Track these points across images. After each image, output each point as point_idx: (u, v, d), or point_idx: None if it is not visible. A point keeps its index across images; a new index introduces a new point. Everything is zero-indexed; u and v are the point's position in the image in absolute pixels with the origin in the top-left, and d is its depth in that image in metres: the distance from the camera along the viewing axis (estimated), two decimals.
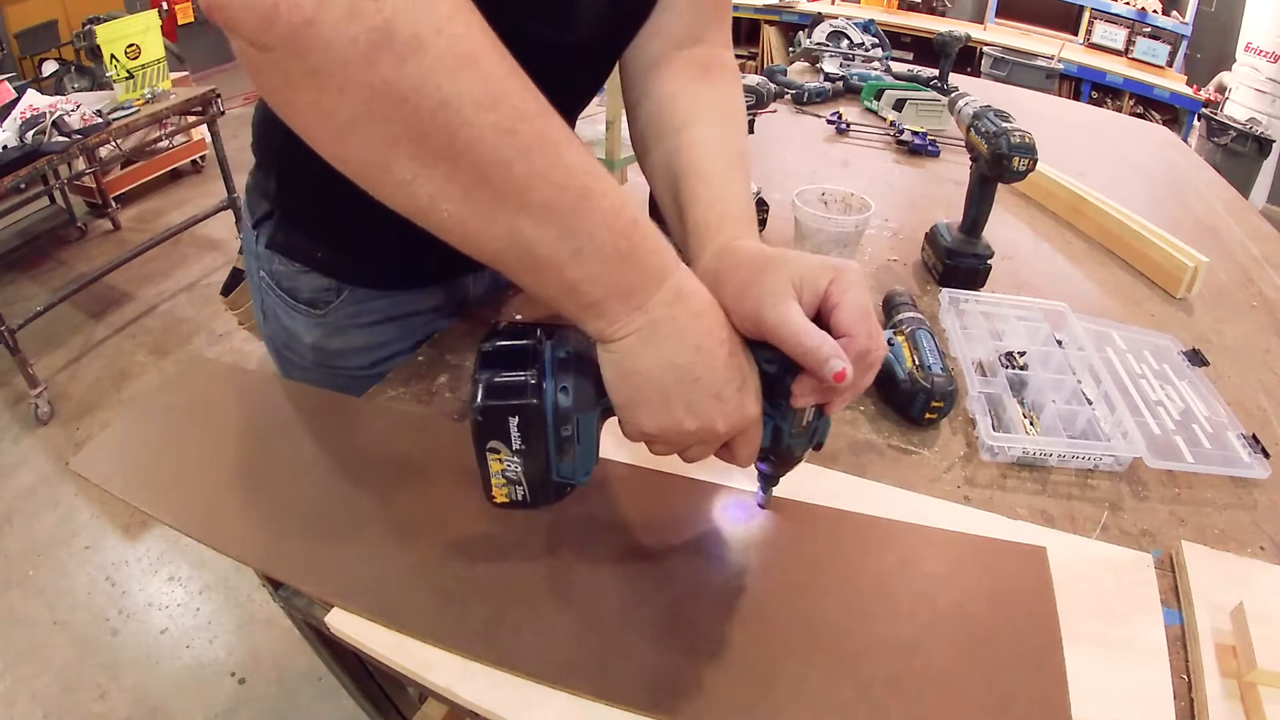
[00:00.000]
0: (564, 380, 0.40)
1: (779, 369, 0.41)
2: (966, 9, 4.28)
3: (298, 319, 0.73)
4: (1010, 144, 0.78)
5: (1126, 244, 1.01)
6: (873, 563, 0.52)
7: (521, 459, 0.41)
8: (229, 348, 2.43)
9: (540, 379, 0.40)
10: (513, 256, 0.37)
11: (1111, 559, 0.54)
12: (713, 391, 0.40)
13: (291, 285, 0.71)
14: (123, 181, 3.19)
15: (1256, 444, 0.65)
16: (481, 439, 0.41)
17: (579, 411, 0.40)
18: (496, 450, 0.41)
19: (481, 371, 0.40)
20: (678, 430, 0.41)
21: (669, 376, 0.40)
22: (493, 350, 0.41)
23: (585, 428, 0.42)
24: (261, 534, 0.54)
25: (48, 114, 2.03)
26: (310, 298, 0.71)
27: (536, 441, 0.41)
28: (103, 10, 2.99)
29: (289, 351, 0.76)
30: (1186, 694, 0.46)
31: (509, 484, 0.43)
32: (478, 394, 0.40)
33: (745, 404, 0.41)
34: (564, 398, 0.40)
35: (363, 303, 0.72)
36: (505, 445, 0.41)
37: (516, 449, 0.41)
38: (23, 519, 1.84)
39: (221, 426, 0.65)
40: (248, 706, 1.43)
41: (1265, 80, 3.17)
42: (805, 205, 0.91)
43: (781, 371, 0.41)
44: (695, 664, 0.45)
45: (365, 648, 0.47)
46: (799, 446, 0.46)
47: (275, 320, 0.75)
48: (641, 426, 0.41)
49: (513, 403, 0.39)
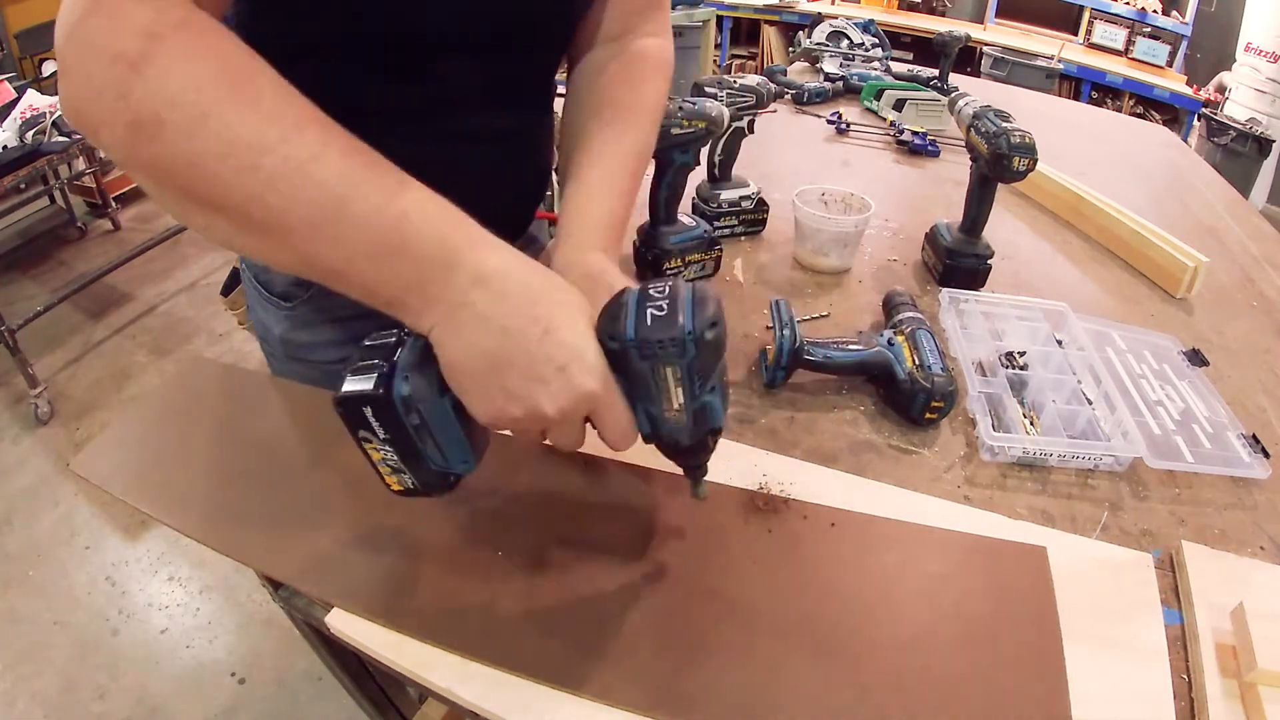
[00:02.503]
0: (408, 370, 0.40)
1: (620, 347, 0.39)
2: (966, 9, 4.28)
3: (270, 311, 0.73)
4: (1010, 144, 0.78)
5: (1126, 244, 1.01)
6: (873, 563, 0.52)
7: (392, 448, 0.42)
8: (229, 348, 2.43)
9: (388, 370, 0.40)
10: (308, 272, 0.40)
11: (1112, 559, 0.54)
12: (529, 374, 0.39)
13: (266, 278, 0.72)
14: (123, 181, 3.19)
15: (1256, 444, 0.65)
16: (350, 428, 0.42)
17: (420, 401, 0.40)
18: (369, 439, 0.42)
19: (350, 365, 0.41)
20: (506, 416, 0.41)
21: (480, 363, 0.40)
22: (366, 345, 0.42)
23: (436, 416, 0.42)
24: (261, 534, 0.54)
25: (48, 114, 2.03)
26: (283, 290, 0.72)
27: (398, 431, 0.41)
28: None
29: (266, 344, 0.77)
30: (1186, 694, 0.46)
31: (395, 472, 0.44)
32: (340, 385, 0.41)
33: (574, 383, 0.39)
34: (404, 386, 0.40)
35: (332, 297, 0.71)
36: (373, 435, 0.41)
37: (384, 438, 0.41)
38: (23, 519, 1.83)
39: (222, 427, 0.65)
40: (248, 706, 1.43)
41: (1265, 80, 3.16)
42: (805, 205, 0.91)
43: (621, 350, 0.39)
44: (695, 664, 0.45)
45: (365, 648, 0.47)
46: (682, 434, 0.43)
47: (253, 312, 0.77)
48: (475, 413, 0.41)
49: (362, 391, 0.40)
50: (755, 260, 0.96)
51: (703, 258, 0.89)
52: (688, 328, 0.38)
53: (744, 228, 1.02)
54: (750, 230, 1.02)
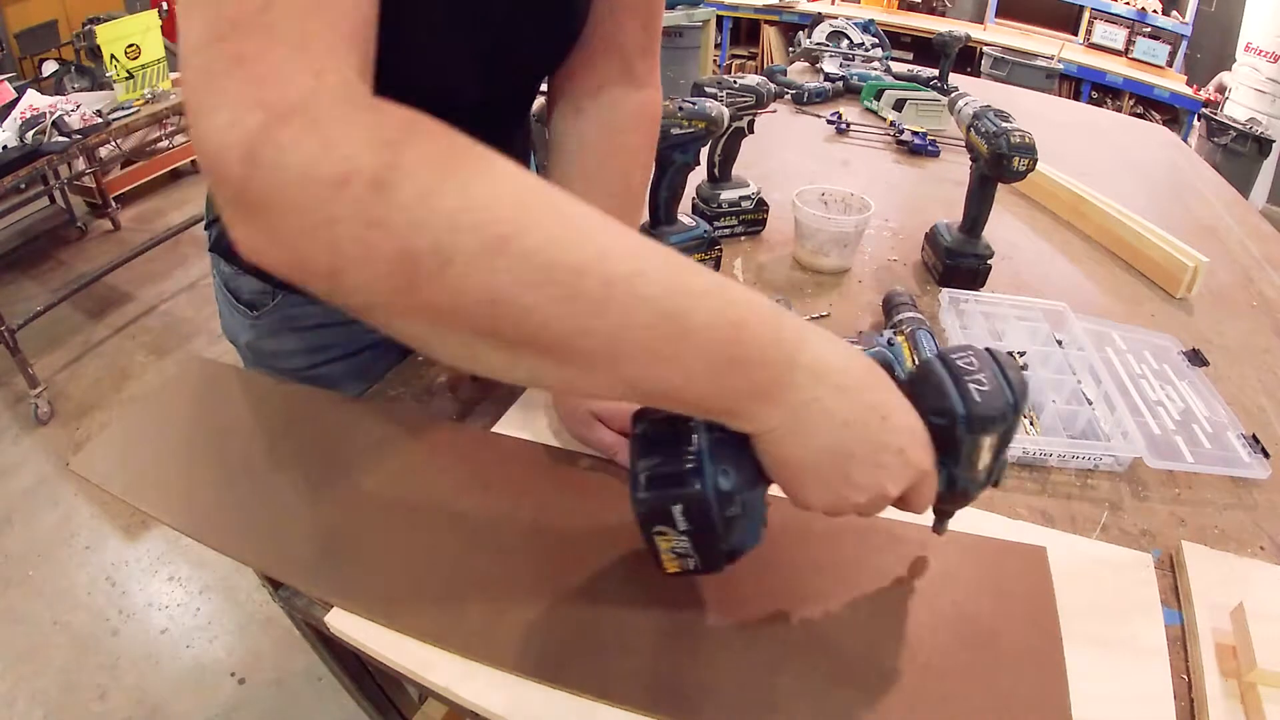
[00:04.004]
0: (724, 463, 0.39)
1: (949, 421, 0.40)
2: (966, 9, 4.28)
3: (236, 318, 0.74)
4: (1010, 144, 0.78)
5: (1126, 244, 1.01)
6: (872, 563, 0.52)
7: (690, 538, 0.40)
8: (229, 348, 2.42)
9: (699, 464, 0.38)
10: (632, 397, 0.36)
11: (1111, 559, 0.54)
12: (872, 461, 0.38)
13: (234, 286, 0.73)
14: (123, 181, 3.19)
15: (1256, 444, 0.65)
16: (647, 525, 0.40)
17: (741, 492, 0.39)
18: (663, 532, 0.40)
19: (640, 460, 0.39)
20: (847, 503, 0.40)
21: (823, 459, 0.38)
22: (647, 435, 0.40)
23: (751, 503, 0.41)
24: (261, 534, 0.54)
25: (48, 114, 2.03)
26: (249, 299, 0.72)
27: (702, 522, 0.39)
28: (103, 10, 2.99)
29: (236, 349, 0.78)
30: (1186, 694, 0.46)
31: (679, 557, 0.42)
32: (639, 486, 0.39)
33: (912, 462, 0.39)
34: (725, 481, 0.38)
35: (298, 307, 0.72)
36: (671, 528, 0.40)
37: (684, 530, 0.40)
38: (23, 519, 1.83)
39: (221, 427, 0.65)
40: (248, 706, 1.43)
41: (1265, 80, 3.16)
42: (805, 205, 0.91)
43: (950, 424, 0.40)
44: (695, 664, 0.45)
45: (365, 648, 0.47)
46: (976, 488, 0.44)
47: (222, 318, 0.77)
48: (811, 504, 0.40)
49: (675, 491, 0.38)
50: (755, 260, 0.96)
51: (703, 258, 0.89)
52: (1010, 400, 0.39)
53: (744, 228, 1.02)
54: (750, 230, 1.02)
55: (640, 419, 0.42)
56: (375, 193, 0.28)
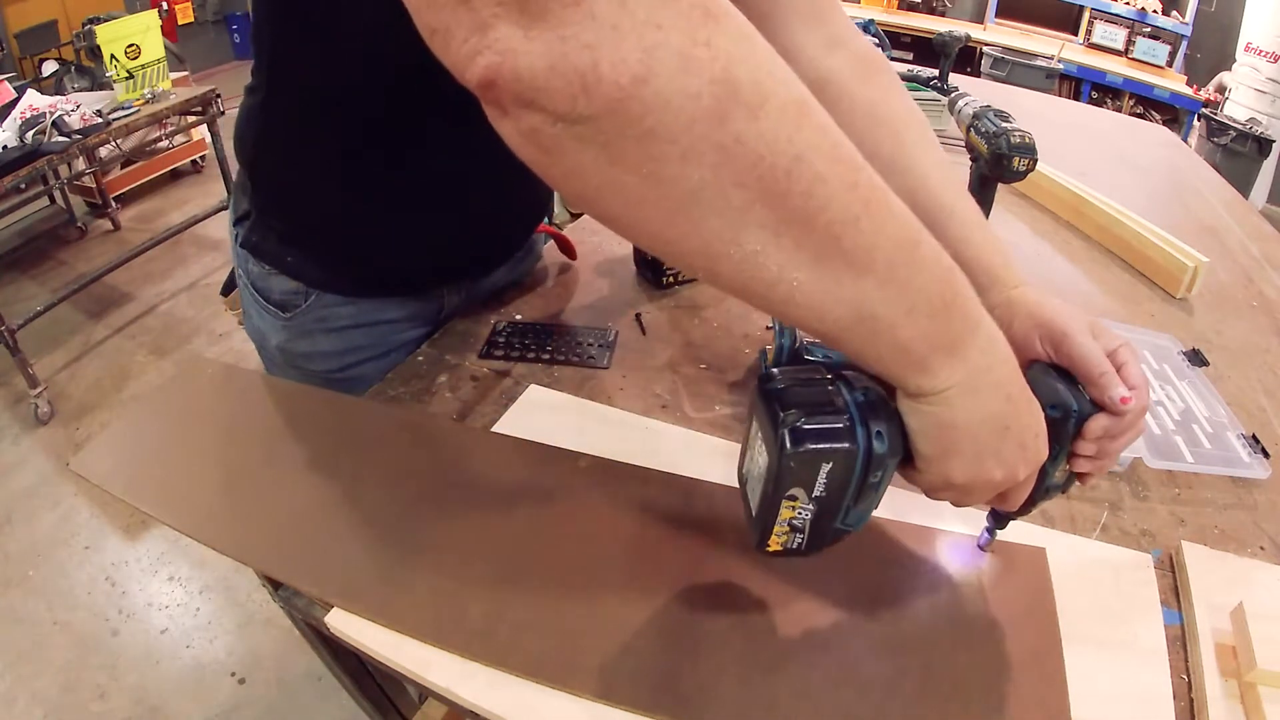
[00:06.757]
0: (876, 425, 0.37)
1: (1062, 414, 0.40)
2: (966, 9, 4.28)
3: (266, 319, 0.73)
4: (1010, 144, 0.78)
5: (1126, 244, 1.01)
6: (872, 563, 0.52)
7: (818, 505, 0.38)
8: (229, 348, 2.42)
9: (852, 423, 0.36)
10: (853, 322, 0.33)
11: (1111, 559, 0.54)
12: (1019, 440, 0.38)
13: (264, 286, 0.71)
14: (123, 181, 3.19)
15: (1256, 444, 0.65)
16: (784, 485, 0.37)
17: (891, 457, 0.38)
18: (795, 497, 0.38)
19: (786, 414, 0.36)
20: (985, 480, 0.39)
21: (985, 428, 0.37)
22: (785, 389, 0.38)
23: (887, 475, 0.39)
24: (261, 534, 0.54)
25: (48, 114, 2.03)
26: (280, 300, 0.71)
27: (840, 488, 0.38)
28: (103, 10, 2.99)
29: (263, 351, 0.76)
30: (1186, 694, 0.46)
31: (791, 532, 0.40)
32: (786, 439, 0.36)
33: (1040, 450, 0.40)
34: (879, 444, 0.37)
35: (330, 308, 0.71)
36: (806, 492, 0.37)
37: (816, 495, 0.38)
38: (23, 519, 1.83)
39: (222, 427, 0.65)
40: (248, 706, 1.43)
41: (1265, 80, 3.16)
42: None
43: (1063, 418, 0.41)
44: (695, 664, 0.45)
45: (365, 648, 0.47)
46: (1054, 491, 0.45)
47: (249, 318, 0.76)
48: (950, 478, 0.39)
49: (830, 446, 0.36)
50: None
51: None
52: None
53: None
54: None
55: (767, 378, 0.39)
56: (705, 16, 0.27)
